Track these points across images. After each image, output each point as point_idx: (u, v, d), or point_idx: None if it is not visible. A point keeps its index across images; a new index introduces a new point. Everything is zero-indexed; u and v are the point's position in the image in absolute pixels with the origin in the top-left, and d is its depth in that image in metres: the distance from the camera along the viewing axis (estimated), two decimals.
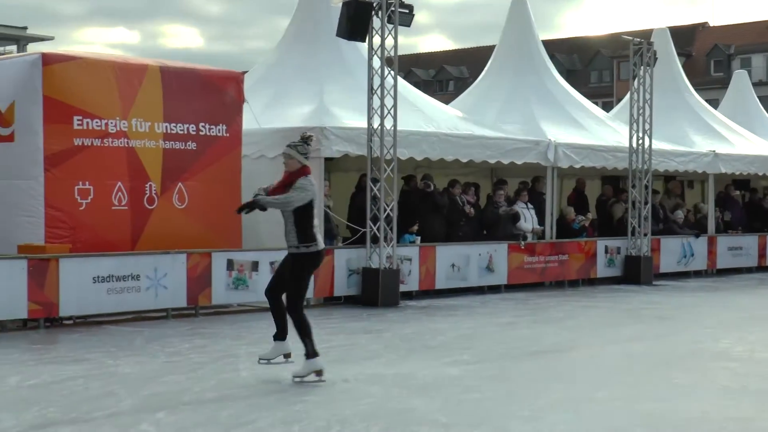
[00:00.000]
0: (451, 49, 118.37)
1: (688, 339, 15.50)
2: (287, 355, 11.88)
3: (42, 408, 9.43)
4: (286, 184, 11.24)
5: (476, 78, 29.13)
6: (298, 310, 11.18)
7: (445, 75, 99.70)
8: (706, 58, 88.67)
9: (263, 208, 11.36)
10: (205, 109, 17.58)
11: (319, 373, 10.95)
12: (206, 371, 11.71)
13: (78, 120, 15.86)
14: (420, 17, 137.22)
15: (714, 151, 27.99)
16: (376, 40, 18.69)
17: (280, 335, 11.81)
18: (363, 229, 18.78)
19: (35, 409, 9.41)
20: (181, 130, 17.19)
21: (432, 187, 21.06)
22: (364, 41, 18.71)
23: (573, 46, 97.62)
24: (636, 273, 24.56)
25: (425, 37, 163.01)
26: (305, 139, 11.41)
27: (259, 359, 11.97)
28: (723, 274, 27.11)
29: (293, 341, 11.26)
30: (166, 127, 16.89)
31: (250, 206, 11.43)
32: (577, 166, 24.30)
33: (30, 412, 9.25)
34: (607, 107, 38.14)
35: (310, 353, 10.94)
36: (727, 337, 15.74)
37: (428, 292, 19.98)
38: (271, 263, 17.27)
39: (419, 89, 26.11)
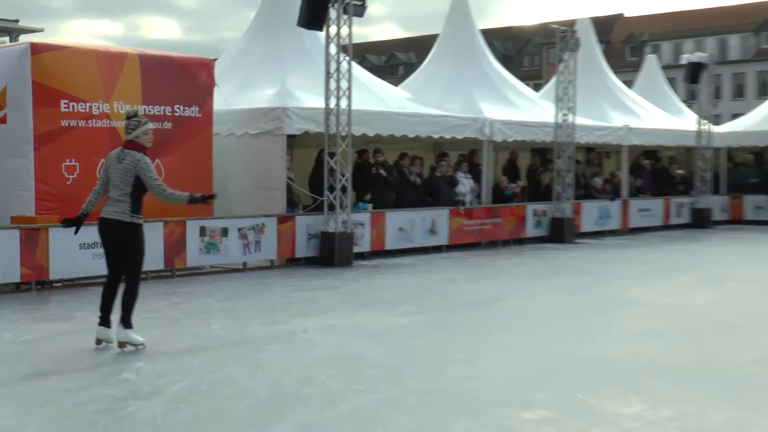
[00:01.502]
0: (401, 37, 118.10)
1: (604, 289, 15.61)
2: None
3: (33, 361, 9.35)
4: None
5: (422, 63, 29.05)
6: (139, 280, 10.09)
7: (396, 61, 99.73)
8: (622, 44, 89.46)
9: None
10: (180, 92, 17.39)
11: (123, 345, 9.77)
12: (181, 325, 11.64)
13: (65, 103, 15.65)
14: (373, 9, 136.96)
15: (628, 125, 28.17)
16: (333, 29, 18.54)
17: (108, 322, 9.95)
18: (321, 198, 18.71)
19: (27, 361, 9.34)
20: (158, 112, 16.97)
21: (383, 173, 21.07)
22: (321, 30, 18.62)
23: (508, 35, 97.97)
24: (560, 233, 24.63)
25: (378, 27, 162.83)
26: (129, 117, 10.12)
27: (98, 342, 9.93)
28: (634, 232, 27.30)
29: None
30: (145, 108, 16.63)
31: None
32: (510, 140, 24.31)
33: (23, 364, 9.19)
34: (537, 88, 38.12)
35: (131, 324, 9.85)
36: (637, 287, 15.84)
37: (378, 253, 19.92)
38: (239, 229, 17.30)
39: (372, 73, 25.93)
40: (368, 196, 20.80)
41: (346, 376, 8.79)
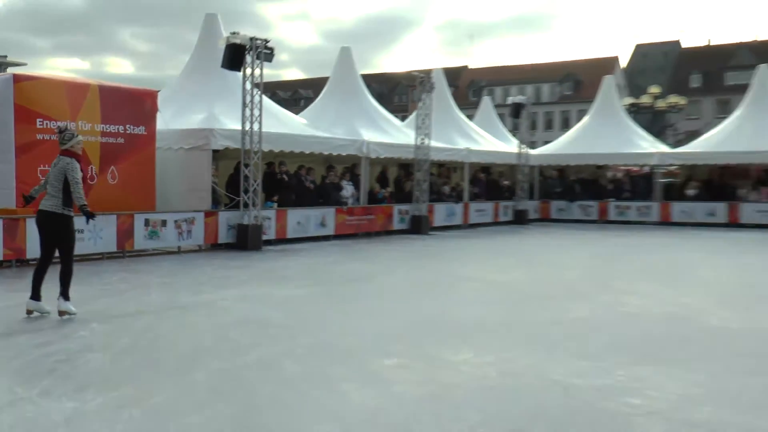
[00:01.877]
0: (302, 78, 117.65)
1: (448, 268, 15.71)
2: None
3: (8, 323, 8.99)
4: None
5: (317, 98, 28.92)
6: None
7: (298, 96, 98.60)
8: (466, 88, 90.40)
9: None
10: (131, 115, 17.05)
11: (63, 314, 9.21)
12: (128, 295, 11.32)
13: (40, 121, 15.22)
14: (281, 56, 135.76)
15: (468, 148, 28.51)
16: (249, 70, 18.39)
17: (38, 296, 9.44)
18: (238, 198, 18.50)
19: (3, 323, 8.98)
20: (113, 130, 16.63)
21: (286, 179, 21.11)
22: (240, 71, 18.40)
23: (383, 78, 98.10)
24: (418, 227, 24.70)
25: (285, 70, 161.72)
26: (62, 131, 9.48)
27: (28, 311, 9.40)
28: (473, 227, 27.63)
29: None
30: (103, 127, 16.37)
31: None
32: (382, 156, 24.39)
33: (0, 326, 8.84)
34: (403, 119, 38.19)
35: (68, 297, 9.32)
36: (472, 266, 16.05)
37: (282, 240, 19.74)
38: (175, 221, 16.96)
39: (280, 105, 25.72)
40: (275, 197, 20.66)
41: (252, 334, 8.68)
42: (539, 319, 9.79)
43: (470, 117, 36.65)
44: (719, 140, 30.66)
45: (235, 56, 18.04)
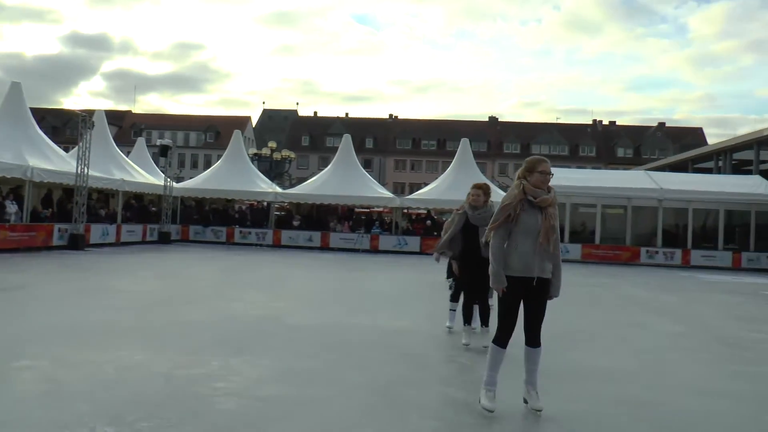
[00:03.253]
0: None
1: (96, 280, 14.63)
2: None
3: None
4: None
5: None
6: None
7: None
8: (129, 128, 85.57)
9: None
10: None
11: None
12: None
13: None
14: None
15: (123, 178, 27.05)
16: None
17: None
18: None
19: None
20: None
21: None
22: None
23: (58, 113, 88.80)
24: (76, 243, 22.89)
25: None
26: None
27: None
28: (124, 245, 26.08)
29: None
30: None
31: None
32: (46, 180, 22.30)
33: None
34: (69, 150, 35.09)
35: None
36: (121, 279, 15.10)
37: None
38: None
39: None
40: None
41: None
42: (161, 322, 9.46)
43: (129, 153, 34.83)
44: (317, 186, 32.59)
45: None
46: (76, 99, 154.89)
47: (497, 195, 31.38)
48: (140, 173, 30.56)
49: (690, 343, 9.82)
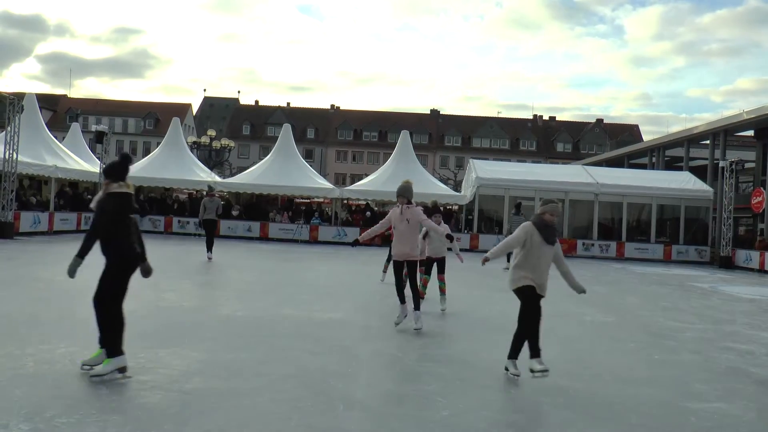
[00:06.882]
0: None
1: (26, 270, 14.15)
2: None
3: None
4: None
5: None
6: None
7: None
8: (64, 114, 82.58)
9: None
10: None
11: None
12: None
13: None
14: None
15: (56, 165, 26.17)
16: None
17: None
18: None
19: None
20: None
21: None
22: None
23: None
24: (3, 231, 22.00)
25: None
26: None
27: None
28: (57, 233, 25.22)
29: None
30: None
31: None
32: None
33: None
34: None
35: None
36: (43, 267, 14.64)
37: None
38: None
39: None
40: None
41: None
42: (88, 314, 9.12)
43: (63, 139, 33.71)
44: (257, 175, 32.17)
45: None
46: (8, 82, 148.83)
47: (437, 187, 31.83)
48: (75, 160, 29.58)
49: (617, 332, 10.14)
